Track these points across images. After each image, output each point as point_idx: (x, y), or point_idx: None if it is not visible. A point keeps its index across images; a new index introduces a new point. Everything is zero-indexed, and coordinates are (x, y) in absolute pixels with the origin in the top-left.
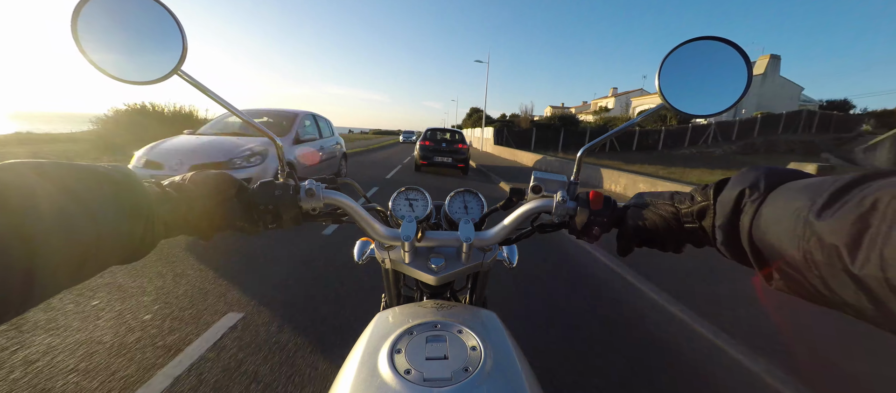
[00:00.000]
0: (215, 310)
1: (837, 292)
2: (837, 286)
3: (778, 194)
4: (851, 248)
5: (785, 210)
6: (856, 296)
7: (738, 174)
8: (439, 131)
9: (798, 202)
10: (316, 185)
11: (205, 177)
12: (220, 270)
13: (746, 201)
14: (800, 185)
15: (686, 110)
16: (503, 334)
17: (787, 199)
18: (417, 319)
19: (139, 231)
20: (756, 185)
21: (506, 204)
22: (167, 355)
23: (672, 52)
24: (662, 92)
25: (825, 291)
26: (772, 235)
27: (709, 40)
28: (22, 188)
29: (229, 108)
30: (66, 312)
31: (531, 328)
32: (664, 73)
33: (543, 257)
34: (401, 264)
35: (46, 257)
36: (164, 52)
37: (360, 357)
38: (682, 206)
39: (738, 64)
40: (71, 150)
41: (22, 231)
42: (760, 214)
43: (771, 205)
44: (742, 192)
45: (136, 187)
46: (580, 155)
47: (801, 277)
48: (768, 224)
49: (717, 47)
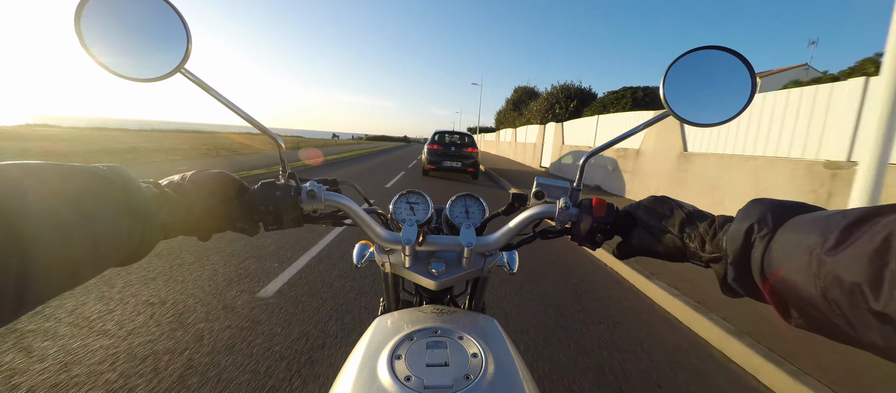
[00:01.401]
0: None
1: (862, 331)
2: (861, 325)
3: (787, 229)
4: (874, 285)
5: (796, 246)
6: (883, 334)
7: (743, 209)
8: (447, 134)
9: (810, 238)
10: (317, 187)
11: (205, 177)
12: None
13: (755, 237)
14: (809, 220)
15: (690, 120)
16: (504, 341)
17: (798, 234)
18: (417, 325)
19: (137, 233)
20: (764, 221)
21: (508, 209)
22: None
23: (676, 61)
24: (667, 101)
25: (849, 329)
26: (785, 271)
27: (713, 50)
28: (13, 191)
29: (232, 108)
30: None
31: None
32: (669, 81)
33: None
34: (401, 268)
35: (40, 261)
36: (168, 49)
37: (359, 362)
38: (691, 244)
39: (743, 74)
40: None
41: (14, 235)
42: (771, 249)
43: (781, 240)
44: (750, 227)
45: (132, 188)
46: (583, 161)
47: (822, 316)
48: (780, 261)
49: (721, 57)
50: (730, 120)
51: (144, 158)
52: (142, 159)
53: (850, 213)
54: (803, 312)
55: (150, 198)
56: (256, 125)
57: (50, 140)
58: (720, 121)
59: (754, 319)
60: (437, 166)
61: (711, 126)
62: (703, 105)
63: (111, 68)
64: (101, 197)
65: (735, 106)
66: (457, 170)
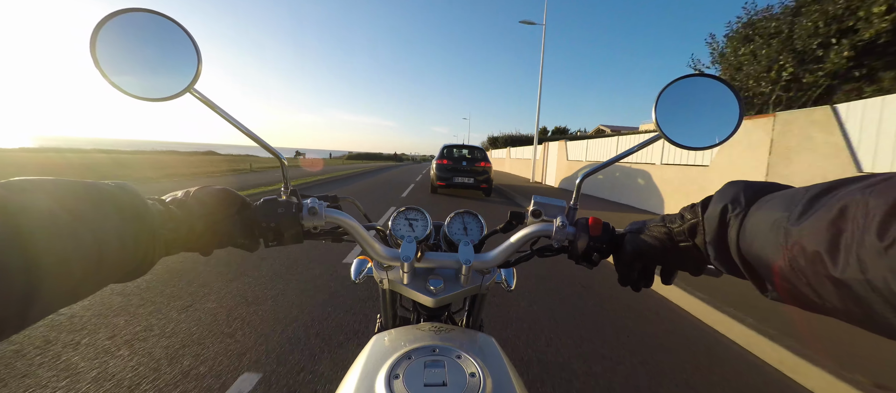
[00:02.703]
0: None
1: (826, 298)
2: (825, 292)
3: (758, 207)
4: (831, 252)
5: (766, 222)
6: (842, 299)
7: (719, 191)
8: (456, 148)
9: (777, 213)
10: (318, 204)
11: (208, 193)
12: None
13: (730, 216)
14: (777, 197)
15: (681, 142)
16: (502, 360)
17: (767, 210)
18: (415, 343)
19: (141, 250)
20: (737, 200)
21: (506, 227)
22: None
23: (668, 87)
24: (659, 124)
25: (815, 297)
26: (757, 246)
27: (703, 78)
28: (23, 203)
29: (239, 127)
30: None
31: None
32: (660, 106)
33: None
34: (399, 285)
35: (47, 275)
36: (179, 70)
37: (356, 381)
38: (673, 226)
39: (731, 101)
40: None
41: (23, 246)
42: (744, 227)
43: (753, 217)
44: (725, 207)
45: (139, 205)
46: (580, 181)
47: (791, 286)
48: (753, 236)
49: (710, 85)
50: (719, 144)
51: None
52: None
53: (813, 188)
54: (776, 284)
55: (155, 214)
56: (261, 143)
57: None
58: (709, 144)
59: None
60: (447, 183)
61: (700, 150)
62: (693, 129)
63: (124, 89)
64: (108, 212)
65: (724, 131)
66: (469, 186)
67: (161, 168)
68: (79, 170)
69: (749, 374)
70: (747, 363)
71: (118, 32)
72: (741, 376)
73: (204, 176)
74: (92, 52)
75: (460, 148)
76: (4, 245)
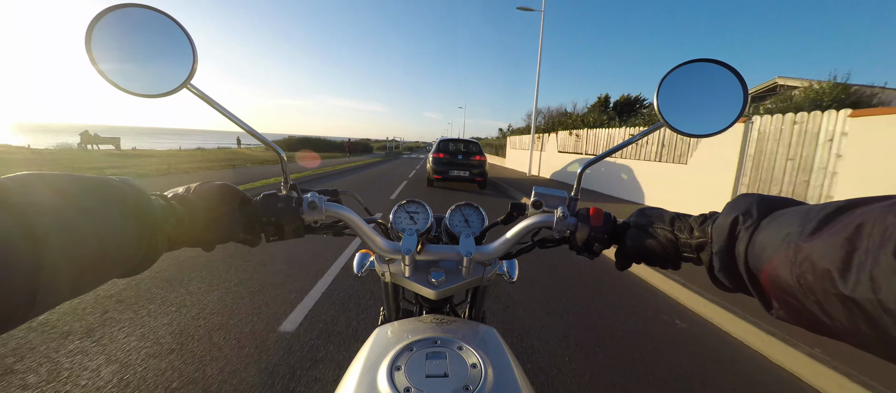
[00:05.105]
0: None
1: (834, 318)
2: (833, 311)
3: (770, 220)
4: (842, 270)
5: (777, 236)
6: (851, 320)
7: (731, 202)
8: (452, 142)
9: (789, 228)
10: (318, 198)
11: (209, 188)
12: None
13: (740, 229)
14: (791, 212)
15: (683, 130)
16: (503, 351)
17: (779, 225)
18: (417, 335)
19: (143, 245)
20: (749, 213)
21: (506, 218)
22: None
23: (669, 74)
24: (661, 112)
25: (824, 317)
26: (765, 260)
27: (705, 63)
28: (30, 196)
29: (236, 122)
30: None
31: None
32: (662, 93)
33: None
34: (401, 278)
35: (52, 267)
36: (175, 66)
37: (358, 373)
38: (681, 235)
39: (734, 86)
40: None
41: (30, 238)
42: (754, 240)
43: (764, 231)
44: (736, 219)
45: (142, 201)
46: (581, 171)
47: (799, 304)
48: (762, 250)
49: (713, 69)
50: (722, 131)
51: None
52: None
53: (831, 204)
54: (783, 302)
55: (158, 209)
56: (258, 137)
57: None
58: (712, 132)
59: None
60: (443, 176)
61: (703, 137)
62: (696, 116)
63: (120, 84)
64: (113, 207)
65: (727, 117)
66: (464, 180)
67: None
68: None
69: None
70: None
71: (113, 29)
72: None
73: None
74: (87, 49)
75: (456, 142)
76: (13, 240)
